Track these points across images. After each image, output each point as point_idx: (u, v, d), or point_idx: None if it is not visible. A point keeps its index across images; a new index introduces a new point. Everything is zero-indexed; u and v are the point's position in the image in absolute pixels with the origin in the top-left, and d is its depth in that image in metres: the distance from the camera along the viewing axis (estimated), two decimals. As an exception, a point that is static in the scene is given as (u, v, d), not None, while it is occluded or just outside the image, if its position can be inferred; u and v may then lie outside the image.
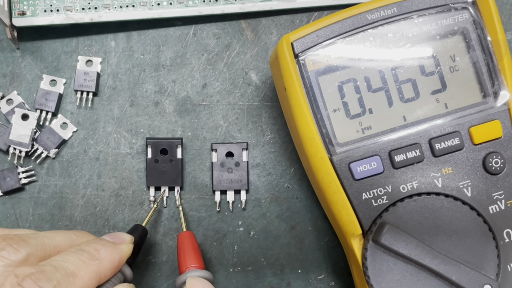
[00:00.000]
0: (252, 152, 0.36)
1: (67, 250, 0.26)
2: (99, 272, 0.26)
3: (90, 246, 0.27)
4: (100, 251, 0.27)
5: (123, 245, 0.28)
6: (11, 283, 0.23)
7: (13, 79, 0.37)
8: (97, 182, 0.36)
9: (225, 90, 0.37)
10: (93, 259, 0.26)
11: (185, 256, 0.32)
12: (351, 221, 0.29)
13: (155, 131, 0.37)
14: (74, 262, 0.25)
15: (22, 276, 0.23)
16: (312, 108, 0.30)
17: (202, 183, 0.36)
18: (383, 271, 0.28)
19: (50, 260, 0.25)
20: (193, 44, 0.37)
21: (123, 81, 0.37)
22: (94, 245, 0.27)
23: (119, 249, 0.28)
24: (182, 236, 0.33)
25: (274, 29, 0.37)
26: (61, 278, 0.24)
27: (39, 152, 0.36)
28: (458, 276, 0.27)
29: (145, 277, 0.36)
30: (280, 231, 0.36)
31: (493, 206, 0.29)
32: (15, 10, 0.35)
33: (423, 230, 0.28)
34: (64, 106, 0.37)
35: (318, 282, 0.36)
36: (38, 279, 0.23)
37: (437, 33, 0.30)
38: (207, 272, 0.31)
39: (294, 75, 0.29)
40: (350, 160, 0.29)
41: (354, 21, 0.29)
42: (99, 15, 0.36)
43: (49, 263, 0.24)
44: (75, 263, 0.25)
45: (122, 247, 0.28)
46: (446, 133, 0.29)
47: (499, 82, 0.29)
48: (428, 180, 0.29)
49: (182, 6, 0.36)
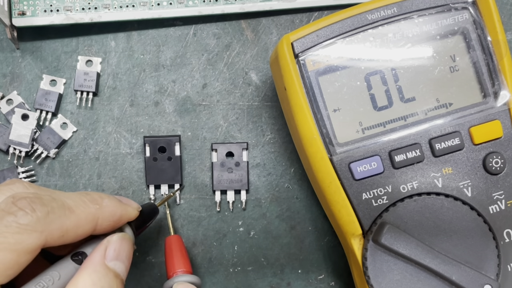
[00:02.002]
0: (252, 152, 0.36)
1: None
2: (97, 217, 0.25)
3: (96, 193, 0.27)
4: (104, 199, 0.26)
5: (128, 206, 0.28)
6: (6, 201, 0.23)
7: (13, 79, 0.37)
8: (97, 182, 0.36)
9: (225, 90, 0.37)
10: (94, 203, 0.26)
11: (172, 261, 0.32)
12: (351, 221, 0.29)
13: (155, 131, 0.37)
14: (75, 199, 0.25)
15: (18, 197, 0.23)
16: (312, 108, 0.30)
17: (202, 183, 0.36)
18: (383, 271, 0.28)
19: (52, 192, 0.25)
20: (193, 44, 0.37)
21: (123, 81, 0.37)
22: (100, 194, 0.27)
23: (123, 207, 0.27)
24: (170, 240, 0.33)
25: (274, 29, 0.37)
26: (56, 207, 0.24)
27: (39, 152, 0.36)
28: (458, 276, 0.27)
29: (145, 277, 0.36)
30: (280, 231, 0.36)
31: (493, 206, 0.29)
32: (15, 10, 0.35)
33: (423, 230, 0.28)
34: (64, 106, 0.37)
35: (318, 282, 0.36)
36: (33, 202, 0.23)
37: (437, 33, 0.30)
38: (194, 276, 0.31)
39: (294, 75, 0.29)
40: (350, 160, 0.29)
41: (354, 21, 0.29)
42: (99, 15, 0.36)
43: (49, 194, 0.24)
44: (75, 200, 0.25)
45: (126, 207, 0.28)
46: (446, 133, 0.29)
47: (499, 82, 0.29)
48: (428, 180, 0.29)
49: (182, 6, 0.36)
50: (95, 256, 0.25)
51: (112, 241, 0.26)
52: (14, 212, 0.22)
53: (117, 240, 0.26)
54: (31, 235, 0.22)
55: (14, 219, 0.22)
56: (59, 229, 0.23)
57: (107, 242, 0.26)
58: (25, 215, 0.22)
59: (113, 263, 0.25)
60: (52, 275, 0.24)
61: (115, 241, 0.26)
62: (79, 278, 0.24)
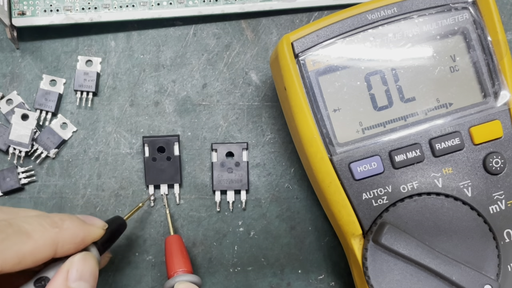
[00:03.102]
0: (252, 152, 0.36)
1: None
2: (57, 241, 0.25)
3: (56, 215, 0.26)
4: (64, 222, 0.25)
5: (92, 226, 0.27)
6: None
7: (13, 79, 0.37)
8: (97, 182, 0.36)
9: (225, 90, 0.37)
10: (54, 226, 0.25)
11: (172, 261, 0.32)
12: (351, 221, 0.29)
13: (155, 131, 0.36)
14: (33, 224, 0.24)
15: None
16: (312, 108, 0.30)
17: (202, 183, 0.36)
18: (383, 271, 0.28)
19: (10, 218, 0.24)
20: (193, 44, 0.37)
21: (123, 81, 0.37)
22: (61, 216, 0.26)
23: (86, 228, 0.27)
24: (170, 240, 0.33)
25: (274, 29, 0.37)
26: (12, 233, 0.23)
27: (39, 152, 0.36)
28: (458, 276, 0.27)
29: (145, 277, 0.36)
30: (280, 231, 0.36)
31: (493, 206, 0.29)
32: (15, 10, 0.35)
33: (423, 230, 0.28)
34: (64, 106, 0.37)
35: (318, 282, 0.36)
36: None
37: (437, 33, 0.30)
38: (195, 276, 0.31)
39: (294, 75, 0.29)
40: (350, 160, 0.29)
41: (354, 21, 0.29)
42: (99, 15, 0.36)
43: (6, 219, 0.24)
44: (33, 224, 0.24)
45: (90, 228, 0.27)
46: (446, 133, 0.29)
47: (499, 82, 0.29)
48: (428, 180, 0.29)
49: (182, 6, 0.36)
50: (58, 279, 0.24)
51: (74, 262, 0.25)
52: None
53: (79, 260, 0.25)
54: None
55: None
56: (14, 257, 0.23)
57: (69, 263, 0.25)
58: None
59: (76, 284, 0.25)
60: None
61: (77, 261, 0.25)
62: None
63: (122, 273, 0.36)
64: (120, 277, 0.36)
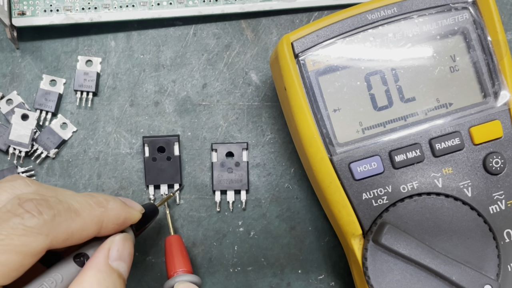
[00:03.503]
0: (252, 152, 0.36)
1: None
2: (102, 220, 0.25)
3: (101, 195, 0.27)
4: (109, 202, 0.26)
5: (132, 208, 0.28)
6: (13, 203, 0.23)
7: (13, 79, 0.37)
8: (97, 182, 0.36)
9: (225, 90, 0.37)
10: (100, 206, 0.26)
11: (173, 261, 0.32)
12: (351, 221, 0.29)
13: (155, 131, 0.37)
14: (81, 202, 0.25)
15: (24, 199, 0.23)
16: (312, 108, 0.30)
17: (202, 183, 0.36)
18: (383, 271, 0.28)
19: (58, 193, 0.25)
20: (193, 44, 0.37)
21: (123, 81, 0.37)
22: (106, 196, 0.27)
23: (128, 210, 0.28)
24: (170, 240, 0.33)
25: (274, 29, 0.37)
26: (62, 210, 0.23)
27: (39, 152, 0.36)
28: (458, 276, 0.27)
29: (145, 277, 0.36)
30: (280, 231, 0.36)
31: (493, 206, 0.29)
32: (15, 10, 0.35)
33: (423, 230, 0.28)
34: (64, 106, 0.37)
35: (318, 283, 0.36)
36: (40, 204, 0.23)
37: (437, 33, 0.30)
38: (195, 276, 0.31)
39: (294, 75, 0.29)
40: (350, 160, 0.29)
41: (354, 21, 0.29)
42: (99, 15, 0.36)
43: (55, 196, 0.24)
44: (81, 203, 0.25)
45: (131, 210, 0.28)
46: (446, 133, 0.29)
47: (499, 82, 0.29)
48: (428, 180, 0.29)
49: (182, 6, 0.36)
50: (99, 256, 0.25)
51: (115, 242, 0.26)
52: (21, 214, 0.22)
53: (120, 241, 0.26)
54: (37, 238, 0.22)
55: (21, 221, 0.22)
56: (64, 232, 0.23)
57: (110, 242, 0.26)
58: (32, 218, 0.22)
59: (116, 263, 0.25)
60: (55, 278, 0.24)
61: (117, 241, 0.26)
62: (84, 278, 0.24)
63: (122, 273, 0.36)
64: (120, 277, 0.36)
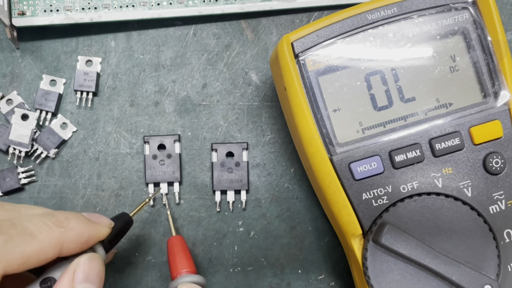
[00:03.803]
0: (252, 152, 0.36)
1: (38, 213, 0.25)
2: (62, 241, 0.24)
3: (62, 214, 0.25)
4: (70, 221, 0.25)
5: (98, 225, 0.27)
6: None
7: (13, 79, 0.37)
8: (97, 182, 0.36)
9: (225, 90, 0.37)
10: (59, 226, 0.24)
11: (176, 262, 0.32)
12: (351, 221, 0.29)
13: (155, 131, 0.36)
14: (37, 223, 0.24)
15: None
16: (312, 108, 0.30)
17: (202, 183, 0.36)
18: (383, 271, 0.28)
19: (13, 218, 0.24)
20: (193, 44, 0.37)
21: (123, 81, 0.37)
22: (67, 214, 0.25)
23: (92, 227, 0.26)
24: (172, 241, 0.33)
25: (274, 29, 0.37)
26: (15, 234, 0.23)
27: (39, 152, 0.36)
28: (458, 276, 0.27)
29: (145, 277, 0.36)
30: (280, 231, 0.36)
31: (493, 206, 0.29)
32: (15, 10, 0.35)
33: (423, 230, 0.28)
34: (64, 106, 0.37)
35: (318, 283, 0.36)
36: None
37: (437, 33, 0.30)
38: (199, 276, 0.31)
39: (294, 75, 0.29)
40: (350, 160, 0.29)
41: (354, 21, 0.29)
42: (99, 15, 0.36)
43: (9, 219, 0.23)
44: (38, 224, 0.24)
45: (96, 227, 0.26)
46: (446, 133, 0.29)
47: (499, 82, 0.29)
48: (428, 180, 0.29)
49: (182, 6, 0.36)
50: (64, 281, 0.24)
51: (80, 264, 0.25)
52: None
53: (85, 262, 0.25)
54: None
55: None
56: (19, 258, 0.22)
57: (75, 264, 0.25)
58: None
59: (82, 285, 0.24)
60: None
61: (83, 263, 0.25)
62: None
63: (122, 273, 0.36)
64: (120, 277, 0.36)
